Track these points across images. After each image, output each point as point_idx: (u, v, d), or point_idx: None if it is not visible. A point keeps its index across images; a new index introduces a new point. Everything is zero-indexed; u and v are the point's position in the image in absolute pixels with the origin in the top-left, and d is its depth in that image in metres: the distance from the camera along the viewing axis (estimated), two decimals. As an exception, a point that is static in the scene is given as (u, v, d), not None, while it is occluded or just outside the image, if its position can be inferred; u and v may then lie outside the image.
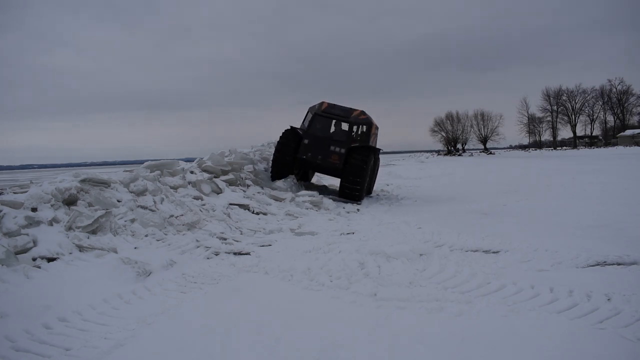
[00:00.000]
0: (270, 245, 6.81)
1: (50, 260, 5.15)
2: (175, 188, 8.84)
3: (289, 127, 12.31)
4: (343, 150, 11.49)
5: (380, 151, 14.00)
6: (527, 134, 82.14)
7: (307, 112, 12.44)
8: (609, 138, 75.74)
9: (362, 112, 11.95)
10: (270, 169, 12.26)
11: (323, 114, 11.90)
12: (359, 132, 12.01)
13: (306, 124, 12.21)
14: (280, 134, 12.24)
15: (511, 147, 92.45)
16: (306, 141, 11.69)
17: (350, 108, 12.05)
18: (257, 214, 9.14)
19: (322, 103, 12.24)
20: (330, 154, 11.51)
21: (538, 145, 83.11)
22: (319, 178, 15.72)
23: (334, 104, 12.17)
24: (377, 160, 13.46)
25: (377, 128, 13.16)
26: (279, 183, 11.52)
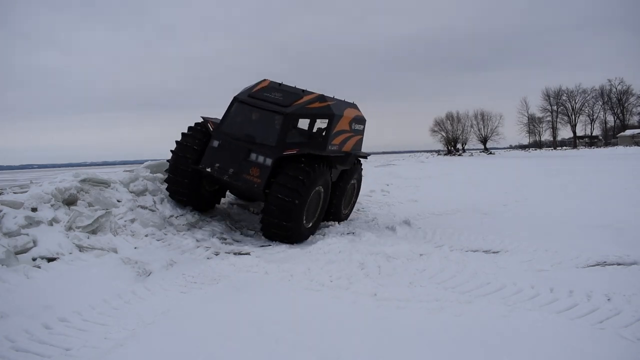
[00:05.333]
0: (270, 245, 6.81)
1: (50, 260, 5.15)
2: (175, 188, 8.83)
3: (201, 120, 7.90)
4: (269, 162, 6.93)
5: (367, 157, 9.43)
6: (527, 134, 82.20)
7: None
8: (609, 138, 75.72)
9: (320, 98, 7.61)
10: None
11: (249, 99, 7.47)
12: (313, 130, 7.83)
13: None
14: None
15: (511, 147, 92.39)
16: (215, 143, 7.26)
17: (303, 91, 7.73)
18: (257, 214, 9.14)
19: (261, 81, 7.90)
20: (247, 167, 6.98)
21: (538, 145, 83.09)
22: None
23: (280, 84, 7.80)
24: (352, 173, 8.86)
25: (359, 121, 8.71)
26: None
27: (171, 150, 7.62)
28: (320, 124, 7.84)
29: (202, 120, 7.83)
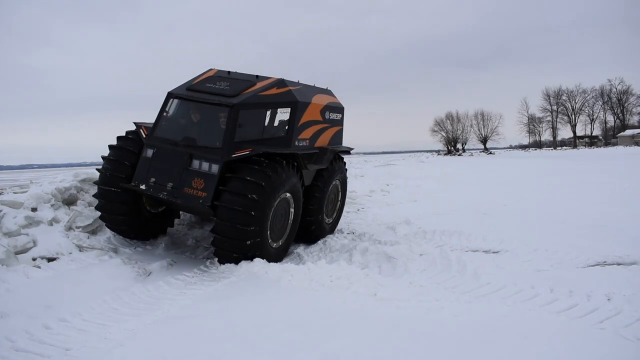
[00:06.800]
0: (270, 245, 6.79)
1: (50, 260, 5.16)
2: (175, 188, 8.83)
3: (135, 127, 6.28)
4: (215, 168, 5.53)
5: (350, 152, 8.08)
6: (527, 134, 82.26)
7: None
8: (609, 138, 75.78)
9: (279, 83, 6.32)
10: None
11: (186, 93, 6.13)
12: (274, 123, 6.56)
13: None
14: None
15: (511, 147, 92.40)
16: (149, 153, 5.89)
17: (257, 76, 6.42)
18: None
19: (206, 71, 6.69)
20: (189, 178, 5.58)
21: (538, 145, 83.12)
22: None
23: (229, 72, 6.55)
24: (332, 173, 7.34)
25: (334, 109, 7.43)
26: None
27: (97, 169, 6.27)
28: (284, 115, 6.48)
29: (135, 126, 6.21)
